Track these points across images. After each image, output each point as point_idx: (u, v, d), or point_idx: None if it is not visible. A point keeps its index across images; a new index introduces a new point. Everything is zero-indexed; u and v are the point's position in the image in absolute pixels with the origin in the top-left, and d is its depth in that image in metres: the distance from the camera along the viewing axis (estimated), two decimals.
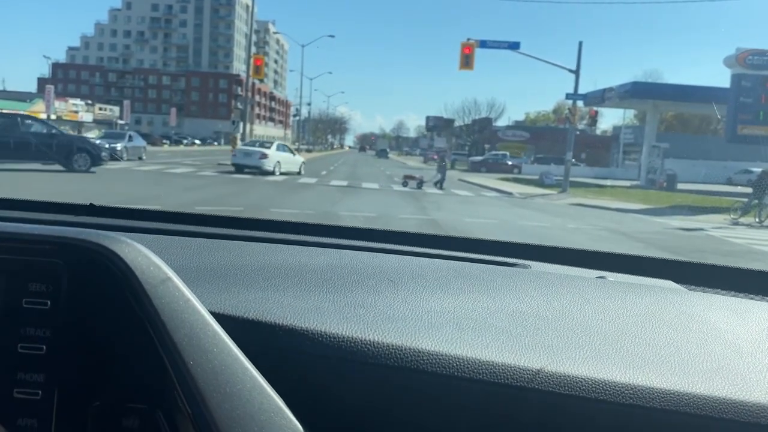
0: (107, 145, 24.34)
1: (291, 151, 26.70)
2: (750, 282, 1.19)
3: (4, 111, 25.59)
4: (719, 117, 34.25)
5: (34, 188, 12.88)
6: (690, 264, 1.30)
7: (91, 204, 1.45)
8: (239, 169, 22.98)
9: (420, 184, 21.52)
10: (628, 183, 30.62)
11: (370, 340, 0.72)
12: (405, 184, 21.74)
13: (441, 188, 21.65)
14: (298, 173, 24.50)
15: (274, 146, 24.43)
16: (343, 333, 0.72)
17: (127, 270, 0.66)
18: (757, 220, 16.34)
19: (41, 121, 20.58)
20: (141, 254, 0.68)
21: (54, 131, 18.81)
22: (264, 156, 23.05)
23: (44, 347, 0.65)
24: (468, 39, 23.75)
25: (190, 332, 0.64)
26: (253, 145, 24.81)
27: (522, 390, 0.68)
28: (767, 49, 24.01)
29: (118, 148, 26.81)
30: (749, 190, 18.04)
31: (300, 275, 0.93)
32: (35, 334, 0.66)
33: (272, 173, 22.77)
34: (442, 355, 0.70)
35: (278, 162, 23.51)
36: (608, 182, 27.70)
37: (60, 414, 0.65)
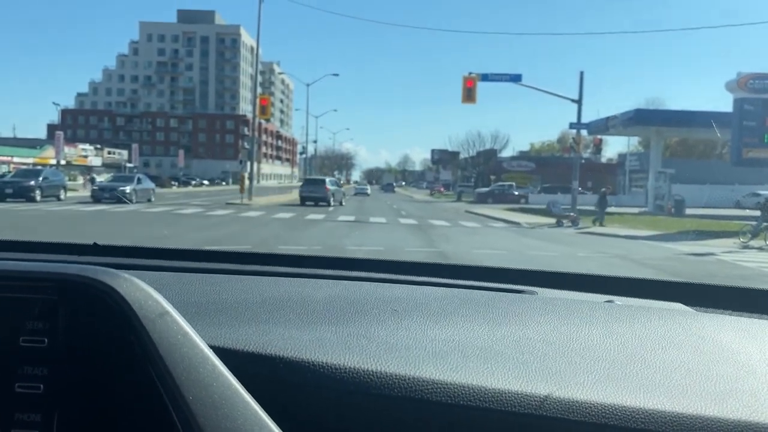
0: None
1: (370, 184, 68.72)
2: (760, 302, 1.17)
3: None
4: (722, 139, 34.24)
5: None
6: (699, 285, 1.28)
7: (95, 243, 1.45)
8: (359, 195, 51.57)
9: (575, 222, 21.82)
10: (635, 210, 30.48)
11: (373, 371, 0.70)
12: (559, 224, 21.93)
13: (602, 224, 21.82)
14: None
15: (368, 184, 76.45)
16: (346, 364, 0.71)
17: (124, 304, 0.65)
18: (767, 243, 16.19)
19: None
20: (138, 288, 0.67)
21: None
22: (367, 188, 61.93)
23: (42, 386, 0.64)
24: (470, 73, 24.03)
25: (189, 366, 0.63)
26: (361, 184, 71.53)
27: (530, 417, 0.67)
28: None
29: (128, 191, 27.10)
30: (758, 213, 17.90)
31: (302, 307, 0.92)
32: (32, 373, 0.65)
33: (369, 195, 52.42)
34: (446, 384, 0.69)
35: (370, 189, 60.97)
36: (616, 209, 27.55)
37: None
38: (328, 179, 34.02)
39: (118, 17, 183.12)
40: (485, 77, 24.93)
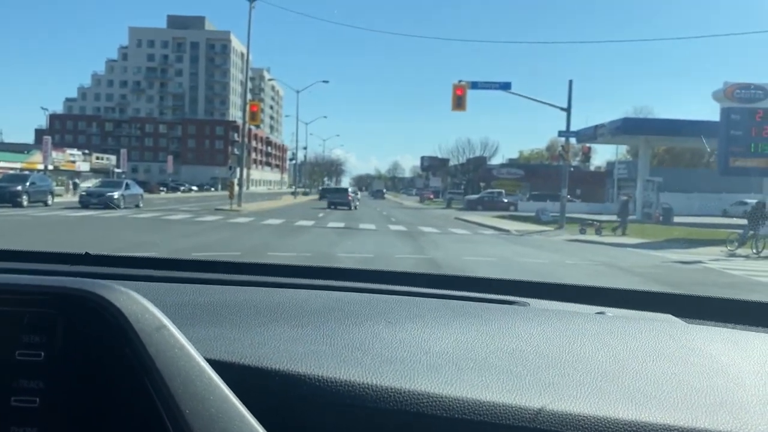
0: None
1: (360, 191, 58.85)
2: (750, 313, 1.19)
3: None
4: (709, 150, 34.55)
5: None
6: (689, 297, 1.30)
7: (86, 253, 1.44)
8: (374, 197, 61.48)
9: (599, 230, 22.07)
10: None
11: (368, 384, 0.71)
12: (583, 232, 22.16)
13: (624, 233, 22.01)
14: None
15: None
16: (341, 377, 0.72)
17: (122, 318, 0.65)
18: (754, 251, 16.35)
19: None
20: (135, 302, 0.67)
21: None
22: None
23: (38, 400, 0.64)
24: (460, 80, 24.13)
25: (186, 380, 0.63)
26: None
27: (524, 430, 0.67)
28: (754, 83, 24.43)
29: (116, 197, 26.96)
30: (744, 221, 18.08)
31: (296, 319, 0.92)
32: (28, 387, 0.64)
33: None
34: (441, 397, 0.69)
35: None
36: (604, 217, 27.74)
37: None
38: (349, 189, 44.77)
39: (107, 23, 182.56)
40: (475, 85, 25.05)
